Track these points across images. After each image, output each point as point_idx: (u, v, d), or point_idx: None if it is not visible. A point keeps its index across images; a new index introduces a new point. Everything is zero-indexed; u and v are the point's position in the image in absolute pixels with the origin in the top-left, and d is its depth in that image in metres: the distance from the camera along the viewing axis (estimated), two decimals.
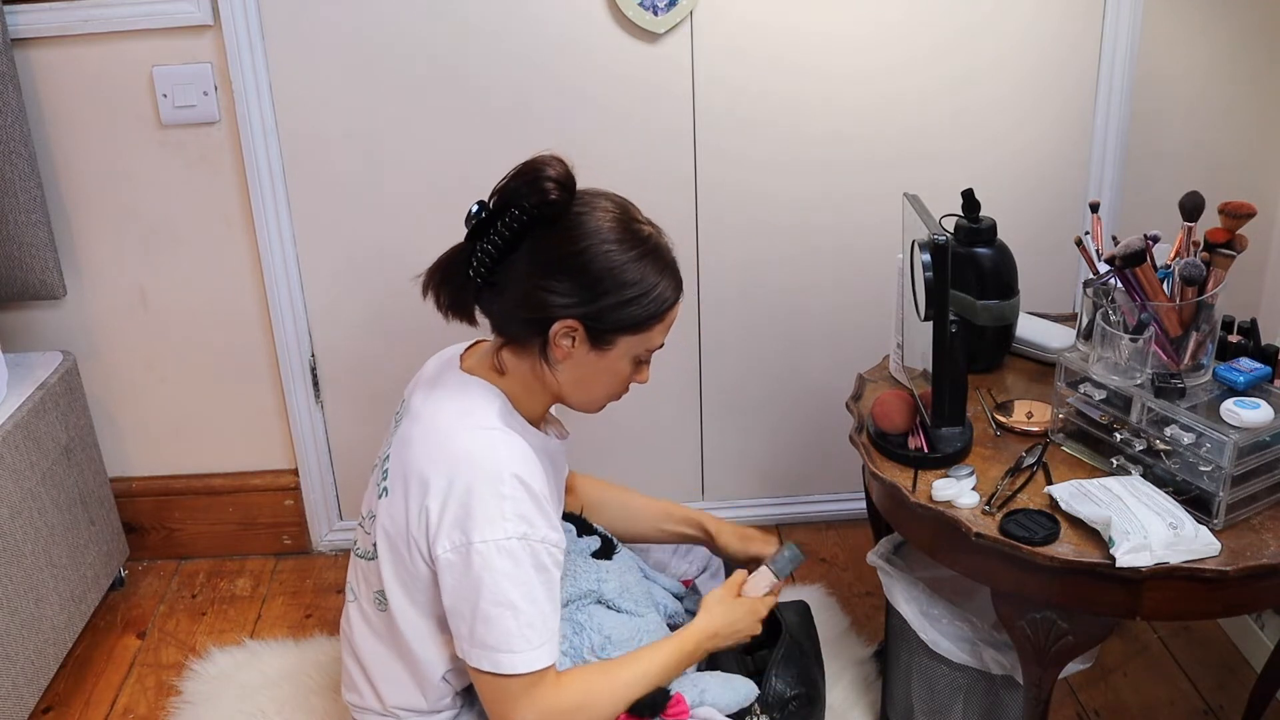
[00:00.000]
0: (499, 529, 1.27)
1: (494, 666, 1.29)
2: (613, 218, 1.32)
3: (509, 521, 1.27)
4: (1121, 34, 1.98)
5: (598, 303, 1.30)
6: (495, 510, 1.27)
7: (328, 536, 2.35)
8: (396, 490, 1.35)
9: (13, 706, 1.73)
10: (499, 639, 1.28)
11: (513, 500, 1.28)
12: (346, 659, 1.52)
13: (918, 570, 1.66)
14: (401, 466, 1.35)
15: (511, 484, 1.28)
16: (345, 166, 2.05)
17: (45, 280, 2.02)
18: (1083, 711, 1.83)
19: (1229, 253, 1.43)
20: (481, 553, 1.27)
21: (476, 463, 1.29)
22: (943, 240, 1.37)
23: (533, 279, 1.30)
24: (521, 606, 1.28)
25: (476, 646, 1.30)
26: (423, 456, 1.32)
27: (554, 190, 1.28)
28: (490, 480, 1.28)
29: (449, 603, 1.32)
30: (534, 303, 1.31)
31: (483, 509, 1.27)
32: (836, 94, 2.02)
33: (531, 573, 1.29)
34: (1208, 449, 1.34)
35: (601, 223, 1.31)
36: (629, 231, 1.32)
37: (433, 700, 1.45)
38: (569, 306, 1.30)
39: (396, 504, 1.34)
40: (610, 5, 1.94)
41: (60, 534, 1.92)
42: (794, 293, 2.17)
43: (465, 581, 1.28)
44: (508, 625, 1.28)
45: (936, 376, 1.44)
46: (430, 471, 1.31)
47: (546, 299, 1.30)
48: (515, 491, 1.28)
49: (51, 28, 1.93)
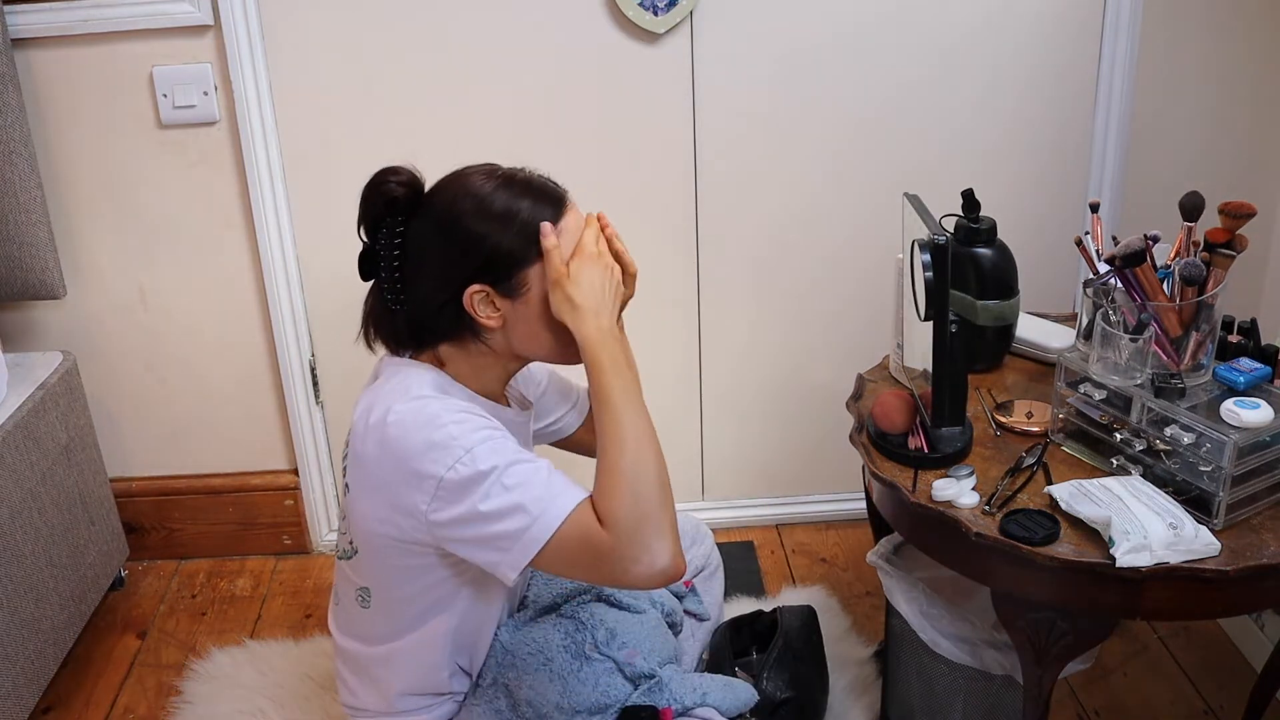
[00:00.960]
0: (454, 453, 1.24)
1: (538, 543, 1.23)
2: (463, 180, 1.34)
3: (457, 440, 1.24)
4: (1121, 34, 1.98)
5: (483, 255, 1.29)
6: (441, 440, 1.25)
7: (328, 536, 2.35)
8: (356, 488, 1.34)
9: (13, 706, 1.73)
10: (520, 521, 1.23)
11: (453, 425, 1.25)
12: (338, 663, 1.52)
13: (918, 570, 1.66)
14: (354, 463, 1.34)
15: (445, 415, 1.26)
16: (345, 166, 2.05)
17: (45, 280, 2.02)
18: (1083, 711, 1.83)
19: (1229, 253, 1.43)
20: (453, 479, 1.24)
21: (408, 427, 1.27)
22: (943, 240, 1.37)
23: (425, 270, 1.32)
24: (515, 483, 1.24)
25: (516, 548, 1.24)
26: (369, 449, 1.30)
27: (397, 188, 1.32)
28: (425, 428, 1.26)
29: (469, 551, 1.27)
30: (437, 289, 1.32)
31: (431, 450, 1.25)
32: (836, 94, 2.02)
33: (500, 458, 1.25)
34: (1208, 449, 1.34)
35: (454, 186, 1.33)
36: (481, 179, 1.33)
37: (435, 682, 1.44)
38: (463, 273, 1.30)
39: (359, 501, 1.34)
40: (610, 5, 1.94)
41: (60, 534, 1.92)
42: (794, 293, 2.17)
43: (463, 514, 1.25)
44: (518, 504, 1.23)
45: (936, 376, 1.44)
46: (378, 461, 1.28)
47: (444, 278, 1.31)
48: (450, 419, 1.26)
49: (51, 28, 1.93)
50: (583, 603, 1.50)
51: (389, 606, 1.40)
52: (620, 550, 1.21)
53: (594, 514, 1.23)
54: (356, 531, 1.38)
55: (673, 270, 2.14)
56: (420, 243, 1.32)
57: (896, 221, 1.72)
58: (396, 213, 1.33)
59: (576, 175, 1.42)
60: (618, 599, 1.52)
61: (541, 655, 1.45)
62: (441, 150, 2.03)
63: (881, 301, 1.98)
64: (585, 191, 1.40)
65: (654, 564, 1.22)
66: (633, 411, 1.28)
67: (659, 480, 1.26)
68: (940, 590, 1.62)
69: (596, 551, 1.22)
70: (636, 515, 1.22)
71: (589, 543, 1.22)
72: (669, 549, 1.23)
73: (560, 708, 1.43)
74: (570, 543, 1.23)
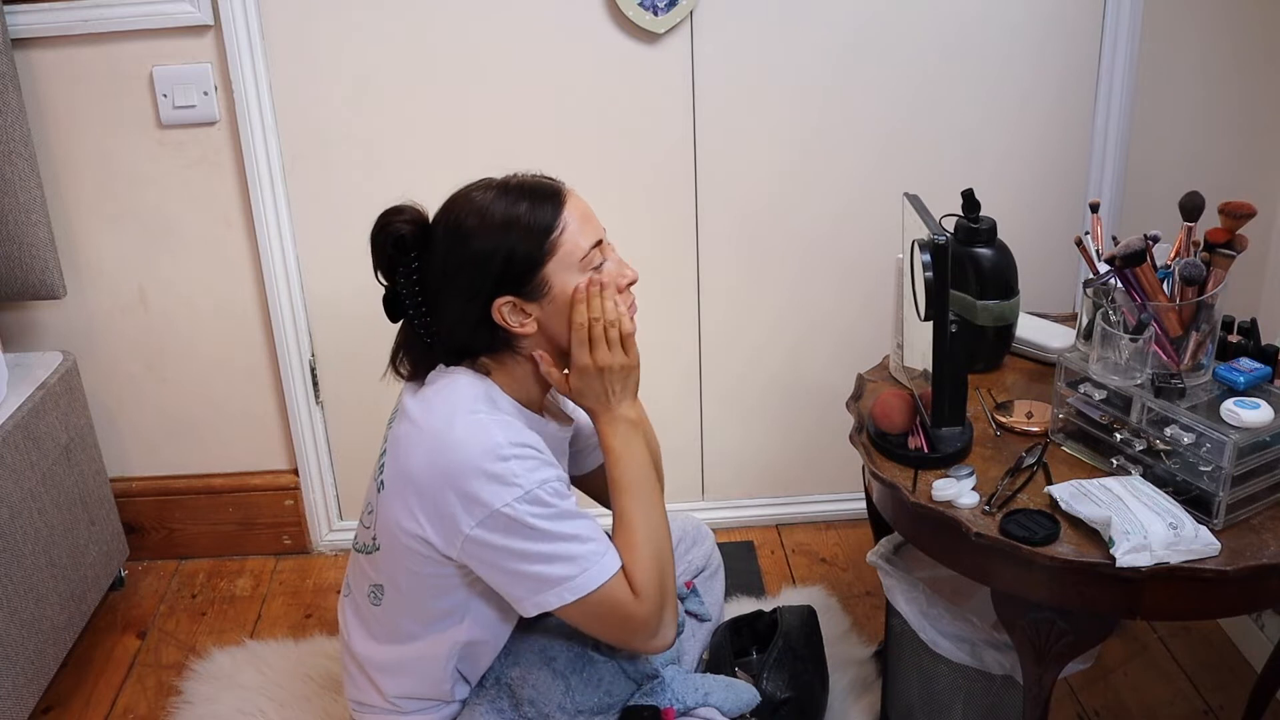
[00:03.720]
0: (514, 489, 1.28)
1: (577, 593, 1.31)
2: (461, 200, 1.36)
3: (519, 478, 1.28)
4: (1121, 34, 1.98)
5: (499, 265, 1.31)
6: (505, 473, 1.28)
7: (328, 536, 2.35)
8: (394, 488, 1.35)
9: (13, 706, 1.73)
10: (565, 569, 1.30)
11: (518, 459, 1.29)
12: (344, 657, 1.52)
13: (918, 570, 1.66)
14: (397, 464, 1.35)
15: (508, 449, 1.29)
16: (345, 166, 2.05)
17: (45, 280, 2.02)
18: (1083, 711, 1.83)
19: (1229, 253, 1.43)
20: (508, 515, 1.27)
21: (470, 447, 1.30)
22: (943, 240, 1.37)
23: (449, 297, 1.35)
24: (569, 533, 1.30)
25: (551, 591, 1.31)
26: (418, 455, 1.32)
27: (404, 226, 1.34)
28: (488, 457, 1.28)
29: (496, 577, 1.32)
30: (466, 311, 1.34)
31: (490, 482, 1.28)
32: (836, 94, 2.02)
33: (562, 505, 1.31)
34: (1208, 449, 1.34)
35: (455, 210, 1.35)
36: (478, 194, 1.35)
37: (436, 690, 1.45)
38: (485, 289, 1.33)
39: (395, 502, 1.34)
40: (610, 5, 1.94)
41: (60, 534, 1.92)
42: (794, 292, 2.17)
43: (506, 546, 1.29)
44: (569, 554, 1.30)
45: (936, 376, 1.44)
46: (428, 470, 1.31)
47: (469, 299, 1.33)
48: (513, 452, 1.29)
49: (51, 28, 1.93)
50: None
51: (400, 610, 1.41)
52: (649, 623, 1.35)
53: (628, 583, 1.33)
54: (382, 528, 1.39)
55: (673, 271, 2.14)
56: (437, 273, 1.35)
57: (897, 221, 1.72)
58: (407, 249, 1.35)
59: (576, 175, 1.42)
60: None
61: (544, 655, 1.46)
62: (442, 150, 2.04)
63: (882, 302, 1.98)
64: (585, 192, 1.40)
65: (666, 639, 1.38)
66: (653, 502, 1.40)
67: (671, 564, 1.39)
68: (940, 590, 1.62)
69: (626, 618, 1.34)
70: (662, 595, 1.36)
71: (621, 609, 1.33)
72: (674, 628, 1.40)
73: (563, 708, 1.43)
74: (604, 604, 1.32)
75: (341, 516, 2.35)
